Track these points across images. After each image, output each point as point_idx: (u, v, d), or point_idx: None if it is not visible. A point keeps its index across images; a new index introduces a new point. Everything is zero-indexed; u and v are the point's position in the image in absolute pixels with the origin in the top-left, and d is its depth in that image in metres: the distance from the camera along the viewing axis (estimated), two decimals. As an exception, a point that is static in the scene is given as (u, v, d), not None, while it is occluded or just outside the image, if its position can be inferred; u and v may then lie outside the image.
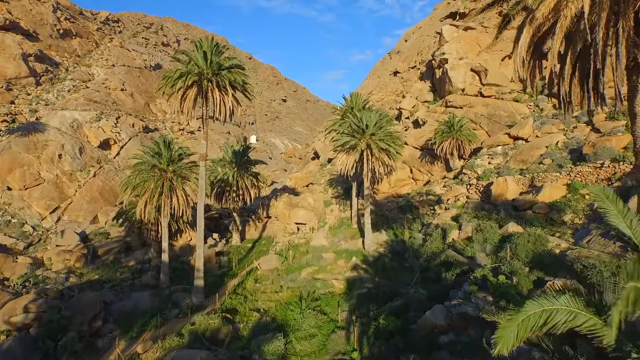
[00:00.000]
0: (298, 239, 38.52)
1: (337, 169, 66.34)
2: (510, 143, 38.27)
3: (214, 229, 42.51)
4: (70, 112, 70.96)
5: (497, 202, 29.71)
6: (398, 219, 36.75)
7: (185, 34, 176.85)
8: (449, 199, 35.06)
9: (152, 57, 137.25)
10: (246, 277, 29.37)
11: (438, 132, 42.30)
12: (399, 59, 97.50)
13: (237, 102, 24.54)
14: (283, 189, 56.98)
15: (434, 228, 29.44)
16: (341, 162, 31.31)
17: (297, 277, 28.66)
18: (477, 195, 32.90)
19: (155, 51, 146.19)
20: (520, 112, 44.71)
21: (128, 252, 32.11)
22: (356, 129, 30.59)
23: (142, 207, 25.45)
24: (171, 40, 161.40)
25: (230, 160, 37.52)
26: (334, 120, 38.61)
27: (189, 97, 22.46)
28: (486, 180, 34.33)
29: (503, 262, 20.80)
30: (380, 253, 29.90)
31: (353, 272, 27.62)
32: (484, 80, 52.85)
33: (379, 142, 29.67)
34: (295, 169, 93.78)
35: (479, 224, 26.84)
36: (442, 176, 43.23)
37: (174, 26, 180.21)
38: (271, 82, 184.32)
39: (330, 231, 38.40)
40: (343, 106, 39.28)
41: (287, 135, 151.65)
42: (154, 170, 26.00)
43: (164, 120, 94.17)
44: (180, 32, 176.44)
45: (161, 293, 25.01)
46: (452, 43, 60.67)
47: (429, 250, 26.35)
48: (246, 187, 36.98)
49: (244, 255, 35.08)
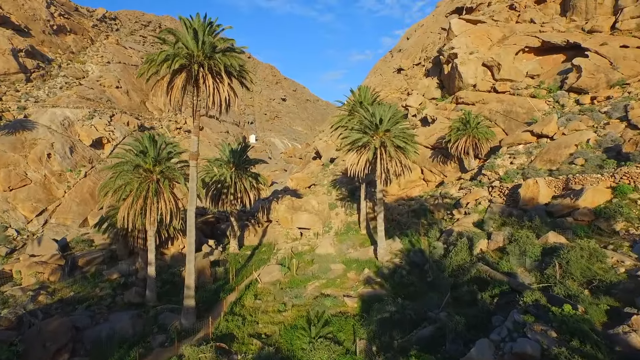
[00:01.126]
0: (302, 246, 34.76)
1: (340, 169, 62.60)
2: (533, 141, 34.59)
3: (209, 234, 38.69)
4: (61, 109, 66.96)
5: (527, 207, 26.02)
6: (411, 225, 33.03)
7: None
8: (469, 202, 31.35)
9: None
10: (245, 292, 25.59)
11: (453, 130, 38.60)
12: (402, 56, 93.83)
13: (234, 93, 20.71)
14: (284, 191, 53.22)
15: (456, 236, 25.73)
16: (351, 162, 27.55)
17: (303, 292, 24.90)
18: (501, 198, 29.20)
19: (153, 49, 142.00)
20: (539, 108, 41.05)
21: (113, 262, 28.30)
22: (368, 124, 26.85)
23: (125, 214, 21.63)
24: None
25: (227, 160, 33.72)
26: (341, 116, 34.85)
27: (177, 85, 18.66)
28: (510, 182, 30.65)
29: (552, 281, 17.15)
30: (396, 264, 26.16)
31: (367, 288, 23.86)
32: (497, 75, 49.20)
33: (394, 139, 25.94)
34: (296, 169, 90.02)
35: (511, 232, 23.18)
36: (457, 177, 39.54)
37: (172, 25, 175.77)
38: (270, 81, 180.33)
39: (336, 237, 34.64)
40: (350, 101, 35.54)
41: (287, 135, 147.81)
42: (138, 171, 22.18)
43: (161, 118, 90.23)
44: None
45: (146, 314, 21.19)
46: (461, 37, 57.00)
47: (454, 263, 22.64)
48: (245, 189, 33.21)
49: (243, 265, 31.29)
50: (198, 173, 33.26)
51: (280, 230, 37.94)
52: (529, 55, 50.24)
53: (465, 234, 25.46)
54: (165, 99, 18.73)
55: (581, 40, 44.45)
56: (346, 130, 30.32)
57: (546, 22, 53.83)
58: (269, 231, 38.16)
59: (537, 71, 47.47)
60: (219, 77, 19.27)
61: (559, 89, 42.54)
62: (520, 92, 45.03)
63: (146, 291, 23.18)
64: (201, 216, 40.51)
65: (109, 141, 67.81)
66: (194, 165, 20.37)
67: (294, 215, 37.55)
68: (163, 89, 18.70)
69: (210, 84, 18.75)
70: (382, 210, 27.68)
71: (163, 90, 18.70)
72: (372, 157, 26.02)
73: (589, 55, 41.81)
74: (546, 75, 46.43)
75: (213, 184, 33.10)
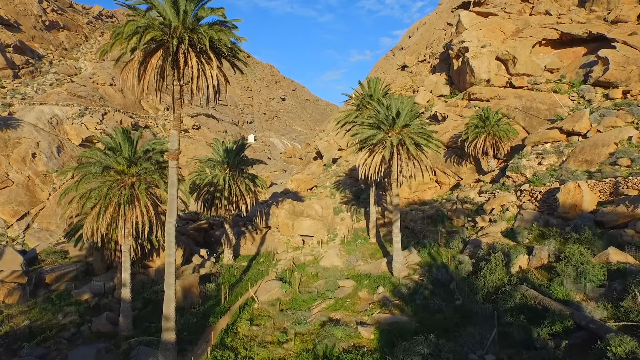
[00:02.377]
0: (304, 256, 30.63)
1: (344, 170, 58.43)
2: (562, 139, 30.55)
3: (202, 242, 34.53)
4: (49, 107, 62.64)
5: (567, 215, 21.96)
6: (428, 233, 28.94)
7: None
8: (493, 208, 27.30)
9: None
10: (239, 315, 21.45)
11: (470, 127, 34.54)
12: (405, 53, 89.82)
13: (225, 78, 16.57)
14: (284, 193, 49.09)
15: (487, 249, 21.66)
16: (362, 163, 23.43)
17: (307, 315, 20.76)
18: (532, 204, 25.13)
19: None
20: (562, 103, 37.03)
21: (88, 277, 24.17)
22: (383, 119, 22.72)
23: (92, 226, 17.47)
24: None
25: (221, 160, 29.56)
26: (348, 112, 30.71)
27: (152, 65, 14.56)
28: (540, 185, 26.61)
29: (635, 317, 13.05)
30: (416, 282, 22.04)
31: (384, 312, 19.73)
32: (513, 69, 45.19)
33: (414, 136, 21.83)
34: (296, 169, 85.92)
35: (557, 247, 19.14)
36: (475, 179, 35.46)
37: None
38: (270, 80, 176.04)
39: (343, 247, 30.51)
40: (358, 94, 31.41)
41: (287, 135, 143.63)
42: (109, 174, 18.04)
43: (156, 117, 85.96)
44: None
45: (117, 348, 17.05)
46: (471, 30, 52.98)
47: (489, 284, 18.55)
48: (240, 193, 29.08)
49: (238, 279, 27.14)
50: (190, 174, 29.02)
51: (280, 238, 33.81)
52: (545, 48, 46.24)
53: (498, 246, 21.38)
54: (136, 84, 14.58)
55: (605, 31, 40.48)
56: (355, 127, 26.21)
57: (563, 13, 49.86)
58: (267, 239, 34.02)
59: (557, 65, 43.45)
60: (205, 56, 15.13)
61: (582, 84, 38.55)
62: (540, 87, 41.01)
63: (119, 317, 19.01)
64: (193, 222, 36.36)
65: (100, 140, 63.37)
66: (174, 166, 16.23)
67: (296, 222, 33.42)
68: (134, 72, 14.56)
69: (194, 65, 14.60)
70: (397, 218, 23.56)
71: (134, 72, 14.56)
72: (389, 157, 21.85)
73: (616, 46, 37.84)
74: (567, 69, 42.43)
75: (205, 187, 28.95)
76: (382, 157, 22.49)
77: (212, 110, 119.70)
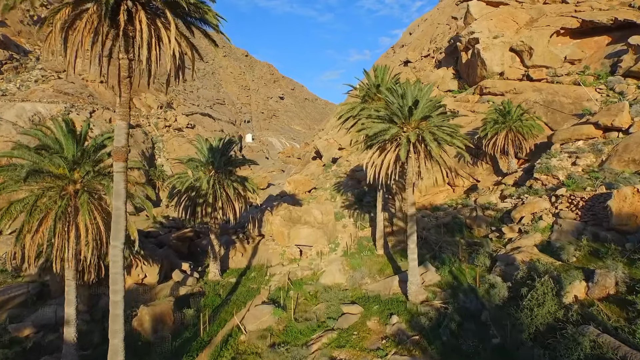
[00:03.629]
0: (301, 271, 26.18)
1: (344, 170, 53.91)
2: (598, 136, 26.16)
3: (186, 253, 30.05)
4: (32, 104, 57.97)
5: (625, 228, 17.56)
6: (444, 245, 24.52)
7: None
8: (523, 216, 22.90)
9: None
10: (220, 352, 17.02)
11: (488, 123, 30.10)
12: (407, 49, 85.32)
13: (193, 49, 12.16)
14: (280, 196, 44.60)
15: (525, 270, 17.21)
16: (371, 163, 18.97)
17: (304, 355, 16.30)
18: (573, 212, 20.71)
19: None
20: (589, 97, 32.65)
21: (41, 302, 19.73)
22: (396, 110, 18.25)
23: (22, 247, 13.01)
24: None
25: (205, 161, 25.06)
26: (352, 104, 26.20)
27: (80, 29, 10.14)
28: (579, 189, 22.21)
29: None
30: (438, 310, 17.60)
31: (402, 353, 15.29)
32: (529, 61, 40.80)
33: (436, 130, 17.39)
34: (294, 169, 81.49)
35: (628, 273, 14.72)
36: (494, 182, 31.03)
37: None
38: (268, 79, 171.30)
39: (346, 260, 26.05)
40: (363, 85, 26.93)
41: (285, 134, 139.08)
42: (45, 179, 13.57)
43: (149, 115, 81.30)
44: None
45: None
46: (482, 21, 48.54)
47: (538, 319, 14.15)
48: (227, 199, 24.61)
49: (224, 300, 22.68)
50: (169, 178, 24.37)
51: (274, 248, 29.34)
52: (564, 38, 41.83)
53: (540, 266, 16.96)
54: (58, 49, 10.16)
55: (635, 18, 36.04)
56: (361, 121, 21.73)
57: (581, 1, 45.46)
58: (260, 249, 29.55)
59: (578, 55, 39.06)
60: (162, 16, 10.70)
61: (609, 75, 34.19)
62: (561, 79, 36.64)
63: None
64: (177, 230, 31.83)
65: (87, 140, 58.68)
66: (121, 169, 11.79)
67: (292, 230, 28.95)
68: (55, 35, 10.14)
69: (144, 27, 10.18)
70: (414, 230, 19.11)
71: (55, 36, 10.14)
72: (405, 156, 17.38)
73: (648, 33, 33.54)
74: (590, 59, 38.03)
75: (186, 192, 24.46)
76: (395, 156, 18.05)
77: (208, 109, 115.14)
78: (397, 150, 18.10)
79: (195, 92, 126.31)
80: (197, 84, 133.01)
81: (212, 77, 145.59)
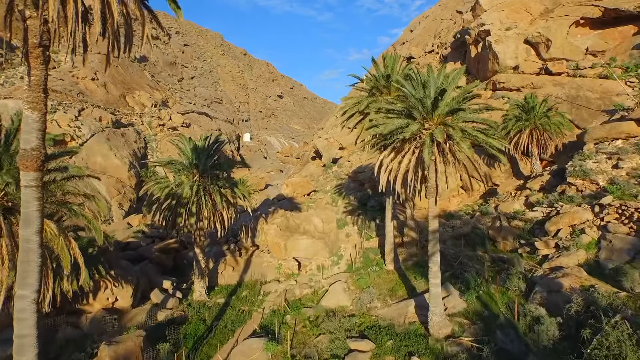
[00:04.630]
0: (300, 289, 22.52)
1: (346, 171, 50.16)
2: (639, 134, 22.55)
3: (171, 266, 26.37)
4: (15, 101, 54.07)
5: (701, 248, 13.96)
6: (466, 260, 20.88)
7: (177, 28, 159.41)
8: (560, 229, 19.28)
9: (137, 49, 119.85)
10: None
11: (510, 120, 26.49)
12: (409, 46, 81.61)
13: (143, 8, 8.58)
14: (278, 199, 40.96)
15: (580, 303, 13.56)
16: (385, 168, 15.31)
17: (304, 412, 12.65)
18: (625, 226, 17.11)
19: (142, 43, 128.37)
20: (619, 91, 29.08)
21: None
22: (415, 103, 14.58)
23: None
24: (160, 34, 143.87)
25: (188, 163, 21.33)
26: (358, 98, 22.48)
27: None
28: (628, 197, 18.60)
29: None
30: (469, 350, 13.95)
31: (429, 416, 11.64)
32: (546, 54, 37.13)
33: (469, 128, 13.75)
34: (293, 169, 77.81)
35: None
36: (515, 186, 27.39)
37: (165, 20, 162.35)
38: (267, 78, 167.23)
39: (351, 278, 22.40)
40: (370, 76, 23.22)
41: (284, 133, 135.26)
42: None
43: (142, 114, 77.41)
44: (172, 26, 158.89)
45: None
46: (492, 12, 44.86)
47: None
48: (213, 207, 20.92)
49: (209, 328, 19.00)
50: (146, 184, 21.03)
51: (269, 262, 25.70)
52: (583, 29, 38.18)
53: (600, 299, 13.31)
54: None
55: (665, 4, 32.56)
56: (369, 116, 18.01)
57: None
58: (254, 262, 25.88)
59: (601, 47, 35.41)
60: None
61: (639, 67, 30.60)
62: (585, 72, 32.99)
63: None
64: (161, 240, 28.13)
65: (73, 139, 54.97)
66: (32, 182, 8.10)
67: (289, 241, 25.31)
68: None
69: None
70: (437, 250, 15.50)
71: None
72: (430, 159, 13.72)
73: (683, 20, 30.00)
74: (614, 51, 34.40)
75: (166, 199, 20.75)
76: (417, 159, 14.39)
77: (205, 108, 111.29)
78: (417, 152, 14.45)
79: (192, 91, 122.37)
80: (194, 82, 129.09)
81: (210, 75, 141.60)
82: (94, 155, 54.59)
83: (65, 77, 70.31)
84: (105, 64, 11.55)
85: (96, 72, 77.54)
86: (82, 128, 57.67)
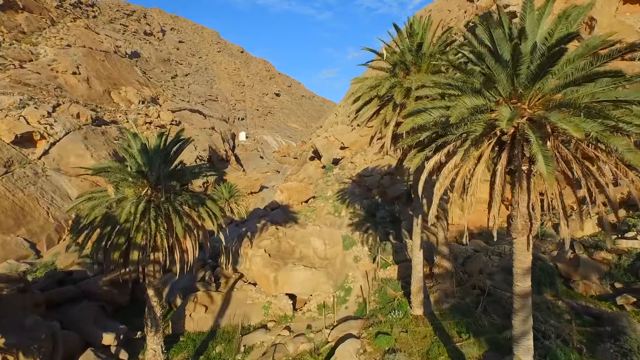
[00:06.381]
0: (295, 344, 15.76)
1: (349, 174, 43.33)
2: None
3: (127, 303, 19.56)
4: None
5: None
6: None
7: (172, 25, 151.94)
8: (681, 269, 12.56)
9: (130, 45, 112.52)
10: None
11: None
12: (413, 38, 74.79)
13: None
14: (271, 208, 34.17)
15: None
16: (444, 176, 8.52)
17: None
18: None
19: (135, 39, 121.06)
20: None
21: None
22: (497, 72, 7.77)
23: None
24: (155, 30, 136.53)
25: (136, 172, 14.46)
26: (375, 79, 15.53)
27: None
28: None
29: None
30: None
31: None
32: (588, 35, 30.45)
33: (601, 117, 7.01)
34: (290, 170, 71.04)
35: None
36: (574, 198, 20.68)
37: (160, 16, 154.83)
38: (264, 76, 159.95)
39: (366, 329, 15.64)
40: (389, 49, 16.39)
41: (281, 132, 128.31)
42: None
43: (127, 111, 70.35)
44: (167, 23, 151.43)
45: None
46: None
47: None
48: (171, 234, 14.15)
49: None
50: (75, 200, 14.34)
51: (255, 298, 18.97)
52: (632, 6, 31.68)
53: None
54: None
55: None
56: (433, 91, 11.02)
57: (647, -38, 35.27)
58: (235, 298, 19.14)
59: (657, 26, 28.78)
60: None
61: None
62: None
63: None
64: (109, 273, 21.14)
65: (44, 137, 47.88)
66: None
67: (281, 273, 18.54)
68: None
69: None
70: (528, 328, 8.80)
71: None
72: (527, 166, 6.98)
73: None
74: (677, 30, 27.81)
75: (99, 226, 13.92)
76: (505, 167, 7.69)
77: (199, 105, 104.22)
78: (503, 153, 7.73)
79: (186, 88, 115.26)
80: (188, 79, 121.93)
81: (205, 72, 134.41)
82: (67, 155, 47.65)
83: (42, 70, 63.14)
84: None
85: (78, 65, 70.43)
86: (56, 125, 50.57)
